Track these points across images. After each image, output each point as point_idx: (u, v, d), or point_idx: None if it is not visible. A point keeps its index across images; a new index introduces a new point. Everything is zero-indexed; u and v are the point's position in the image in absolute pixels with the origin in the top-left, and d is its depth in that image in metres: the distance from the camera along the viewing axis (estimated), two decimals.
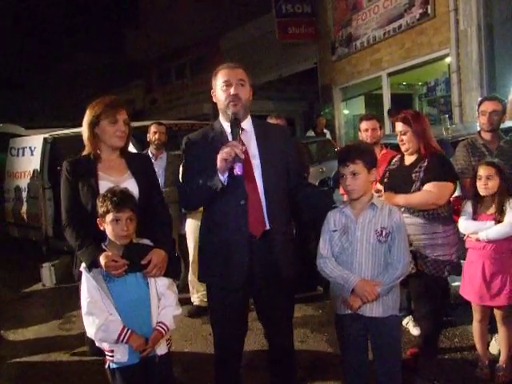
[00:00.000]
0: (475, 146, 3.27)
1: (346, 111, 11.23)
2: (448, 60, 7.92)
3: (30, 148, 6.70)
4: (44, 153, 6.39)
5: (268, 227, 2.28)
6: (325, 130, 9.72)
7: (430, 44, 8.03)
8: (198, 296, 4.30)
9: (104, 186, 2.28)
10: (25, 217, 6.77)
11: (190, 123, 7.56)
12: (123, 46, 18.15)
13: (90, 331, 2.12)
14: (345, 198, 2.48)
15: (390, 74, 9.30)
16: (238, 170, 2.13)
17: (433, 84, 9.21)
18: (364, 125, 3.74)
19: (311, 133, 9.63)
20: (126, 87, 18.01)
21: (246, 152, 2.20)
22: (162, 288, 2.24)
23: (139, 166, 2.45)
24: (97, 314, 2.10)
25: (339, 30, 10.19)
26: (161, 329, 2.19)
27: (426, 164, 2.83)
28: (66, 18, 20.20)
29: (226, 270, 2.27)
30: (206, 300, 4.20)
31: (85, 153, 2.41)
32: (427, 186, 2.79)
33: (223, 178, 2.15)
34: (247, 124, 2.36)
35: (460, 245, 2.93)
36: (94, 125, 2.33)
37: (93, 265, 2.14)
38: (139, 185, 2.37)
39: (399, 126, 2.93)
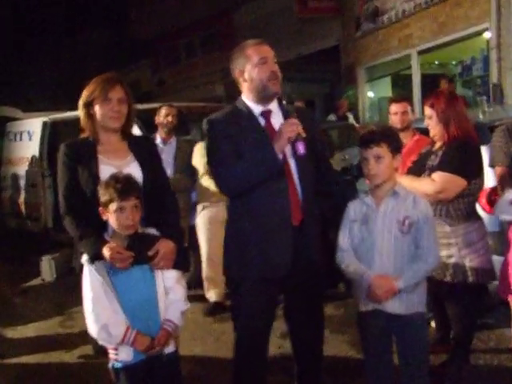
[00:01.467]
0: None
1: (371, 93, 11.12)
2: (487, 35, 7.76)
3: (29, 132, 6.75)
4: (43, 137, 6.42)
5: (303, 216, 2.30)
6: (348, 114, 9.63)
7: (467, 17, 7.88)
8: (215, 291, 4.31)
9: (105, 170, 2.27)
10: (23, 207, 6.85)
11: (201, 106, 7.54)
12: (127, 22, 18.13)
13: (93, 331, 2.12)
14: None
15: (420, 52, 9.17)
16: (301, 149, 2.18)
17: (469, 63, 9.02)
18: (393, 107, 3.69)
19: (332, 117, 9.55)
20: (131, 67, 18.05)
21: None
22: (169, 281, 2.24)
23: (142, 149, 2.44)
24: (100, 313, 2.10)
25: (364, 4, 10.07)
26: (168, 327, 2.19)
27: (441, 152, 2.77)
28: None
29: (267, 259, 2.26)
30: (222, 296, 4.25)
31: (84, 135, 2.41)
32: (434, 175, 2.72)
33: (280, 157, 2.19)
34: (274, 106, 2.36)
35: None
36: (88, 106, 2.33)
37: (95, 257, 2.14)
38: (143, 169, 2.36)
39: (426, 110, 2.91)
